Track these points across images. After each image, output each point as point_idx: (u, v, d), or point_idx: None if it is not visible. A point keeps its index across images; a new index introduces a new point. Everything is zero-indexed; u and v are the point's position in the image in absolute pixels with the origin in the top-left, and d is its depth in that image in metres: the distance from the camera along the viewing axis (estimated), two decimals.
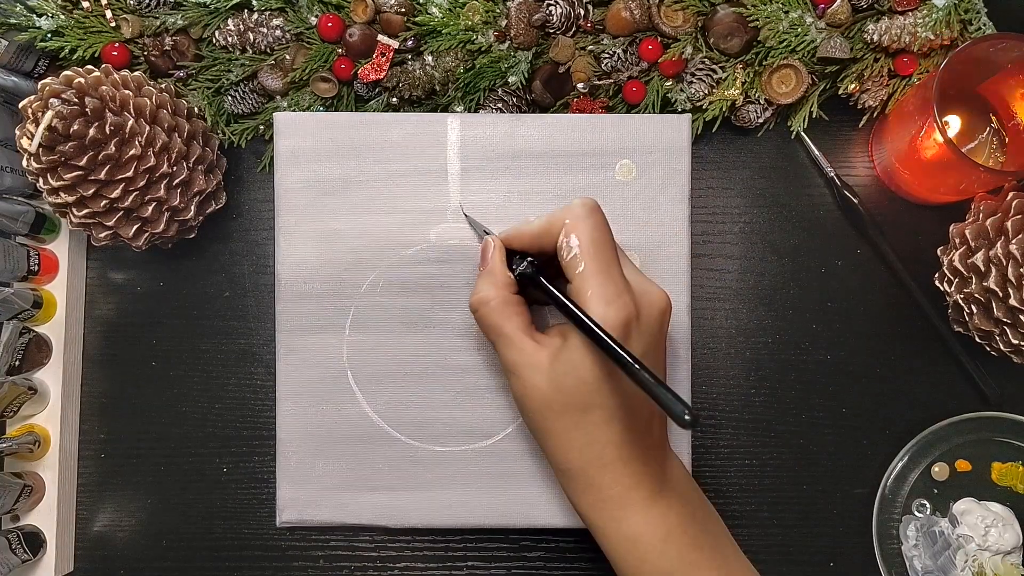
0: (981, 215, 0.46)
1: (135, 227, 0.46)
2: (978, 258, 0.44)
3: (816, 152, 0.51)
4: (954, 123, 0.49)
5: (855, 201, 0.50)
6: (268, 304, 0.52)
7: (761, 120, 0.50)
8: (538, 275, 0.38)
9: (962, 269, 0.46)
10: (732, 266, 0.52)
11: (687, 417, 0.30)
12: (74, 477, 0.51)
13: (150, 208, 0.45)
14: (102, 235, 0.46)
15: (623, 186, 0.44)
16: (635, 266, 0.40)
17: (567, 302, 0.35)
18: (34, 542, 0.48)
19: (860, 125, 0.51)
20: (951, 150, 0.43)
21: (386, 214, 0.44)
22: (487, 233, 0.42)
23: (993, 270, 0.44)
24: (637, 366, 0.32)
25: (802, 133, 0.51)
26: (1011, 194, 0.45)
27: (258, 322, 0.52)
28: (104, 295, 0.53)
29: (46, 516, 0.49)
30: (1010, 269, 0.43)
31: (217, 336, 0.52)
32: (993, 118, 0.49)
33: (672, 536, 0.36)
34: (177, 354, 0.52)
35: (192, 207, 0.47)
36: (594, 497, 0.37)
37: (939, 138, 0.43)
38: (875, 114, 0.51)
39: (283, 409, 0.44)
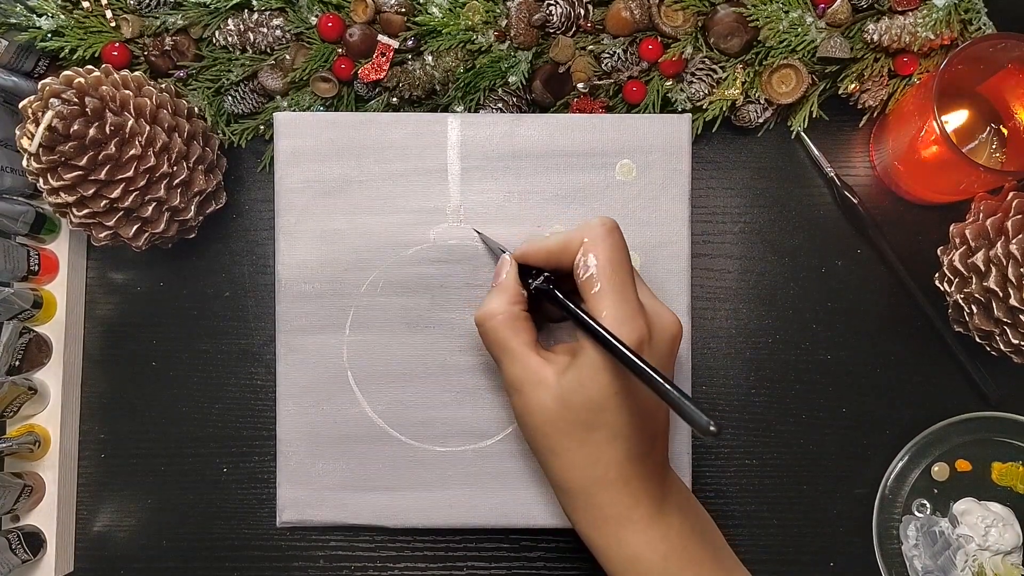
0: (981, 215, 0.46)
1: (135, 227, 0.46)
2: (978, 258, 0.44)
3: (816, 152, 0.51)
4: (954, 123, 0.49)
5: (855, 201, 0.50)
6: (268, 304, 0.52)
7: (761, 120, 0.50)
8: (554, 289, 0.38)
9: (962, 269, 0.46)
10: (732, 266, 0.52)
11: (712, 428, 0.29)
12: (74, 477, 0.51)
13: (150, 208, 0.45)
14: (102, 235, 0.46)
15: (623, 186, 0.44)
16: (649, 290, 0.40)
17: (584, 315, 0.35)
18: (34, 542, 0.48)
19: (860, 125, 0.51)
20: (951, 150, 0.43)
21: (386, 214, 0.44)
22: (503, 251, 0.41)
23: (993, 270, 0.44)
24: (658, 377, 0.32)
25: (802, 133, 0.51)
26: (1011, 194, 0.45)
27: (258, 322, 0.52)
28: (104, 295, 0.53)
29: (46, 516, 0.49)
30: (1010, 269, 0.43)
31: (217, 336, 0.52)
32: (993, 119, 0.49)
33: (673, 554, 0.36)
34: (177, 354, 0.52)
35: (192, 207, 0.47)
36: (594, 516, 0.37)
37: (939, 137, 0.43)
38: (875, 114, 0.51)
39: (283, 409, 0.44)
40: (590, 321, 0.35)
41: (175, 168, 0.45)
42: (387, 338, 0.44)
